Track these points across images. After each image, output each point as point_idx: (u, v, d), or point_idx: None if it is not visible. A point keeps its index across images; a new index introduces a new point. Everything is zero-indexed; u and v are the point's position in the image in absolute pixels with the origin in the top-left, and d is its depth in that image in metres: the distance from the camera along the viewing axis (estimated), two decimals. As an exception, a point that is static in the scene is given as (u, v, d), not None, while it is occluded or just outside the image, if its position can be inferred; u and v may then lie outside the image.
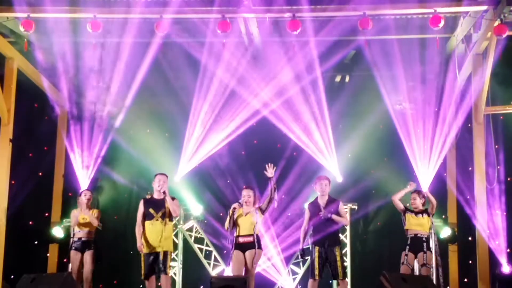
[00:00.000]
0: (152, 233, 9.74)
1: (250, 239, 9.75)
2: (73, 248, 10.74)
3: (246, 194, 9.87)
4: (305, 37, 11.61)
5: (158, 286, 10.07)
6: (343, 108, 13.07)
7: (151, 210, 9.80)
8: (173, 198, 9.91)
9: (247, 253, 9.75)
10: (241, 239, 9.78)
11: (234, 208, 9.77)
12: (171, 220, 9.94)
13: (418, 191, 10.79)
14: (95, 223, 10.69)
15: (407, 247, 10.43)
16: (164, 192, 9.78)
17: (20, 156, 12.29)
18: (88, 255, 10.67)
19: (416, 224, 10.48)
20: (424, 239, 10.47)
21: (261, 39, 12.05)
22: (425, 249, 10.40)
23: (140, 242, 9.74)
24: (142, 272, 9.77)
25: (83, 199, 10.83)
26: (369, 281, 10.92)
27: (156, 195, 9.94)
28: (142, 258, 9.78)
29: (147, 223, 9.79)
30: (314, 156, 12.77)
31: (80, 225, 10.74)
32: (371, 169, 13.08)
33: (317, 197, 10.15)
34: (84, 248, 10.68)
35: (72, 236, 11.01)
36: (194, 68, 12.66)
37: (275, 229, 12.74)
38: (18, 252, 12.29)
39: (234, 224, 9.78)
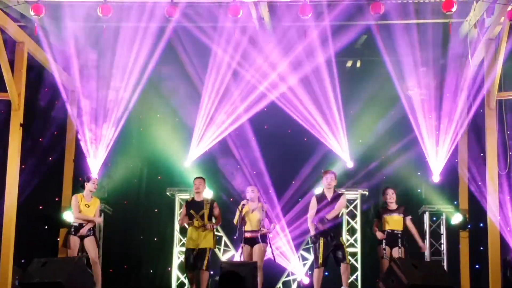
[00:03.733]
0: (193, 231, 10.50)
1: (257, 234, 10.42)
2: (73, 233, 10.74)
3: (250, 190, 10.62)
4: (317, 21, 11.50)
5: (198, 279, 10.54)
6: (354, 93, 13.00)
7: (191, 211, 10.62)
8: (213, 202, 10.69)
9: (255, 247, 10.42)
10: (248, 234, 10.47)
11: (243, 205, 10.45)
12: (210, 220, 10.65)
13: (392, 187, 11.17)
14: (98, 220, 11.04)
15: (383, 241, 10.79)
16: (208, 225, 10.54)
17: (31, 141, 12.28)
18: (89, 241, 10.70)
19: (391, 222, 10.88)
20: (399, 235, 10.85)
21: (272, 23, 11.97)
22: (399, 245, 10.78)
23: (185, 219, 10.67)
24: (185, 265, 10.66)
25: (91, 186, 10.86)
26: (379, 268, 10.93)
27: (196, 197, 10.81)
28: (185, 253, 10.68)
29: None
30: (324, 142, 12.72)
31: (81, 211, 10.77)
32: (382, 155, 13.02)
33: (323, 189, 10.59)
34: (84, 234, 10.69)
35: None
36: (206, 53, 12.61)
37: (285, 215, 12.69)
38: (28, 237, 12.28)
39: (243, 219, 10.43)
